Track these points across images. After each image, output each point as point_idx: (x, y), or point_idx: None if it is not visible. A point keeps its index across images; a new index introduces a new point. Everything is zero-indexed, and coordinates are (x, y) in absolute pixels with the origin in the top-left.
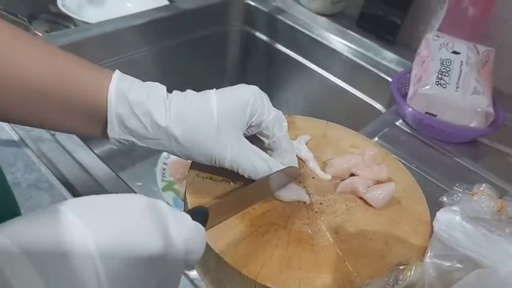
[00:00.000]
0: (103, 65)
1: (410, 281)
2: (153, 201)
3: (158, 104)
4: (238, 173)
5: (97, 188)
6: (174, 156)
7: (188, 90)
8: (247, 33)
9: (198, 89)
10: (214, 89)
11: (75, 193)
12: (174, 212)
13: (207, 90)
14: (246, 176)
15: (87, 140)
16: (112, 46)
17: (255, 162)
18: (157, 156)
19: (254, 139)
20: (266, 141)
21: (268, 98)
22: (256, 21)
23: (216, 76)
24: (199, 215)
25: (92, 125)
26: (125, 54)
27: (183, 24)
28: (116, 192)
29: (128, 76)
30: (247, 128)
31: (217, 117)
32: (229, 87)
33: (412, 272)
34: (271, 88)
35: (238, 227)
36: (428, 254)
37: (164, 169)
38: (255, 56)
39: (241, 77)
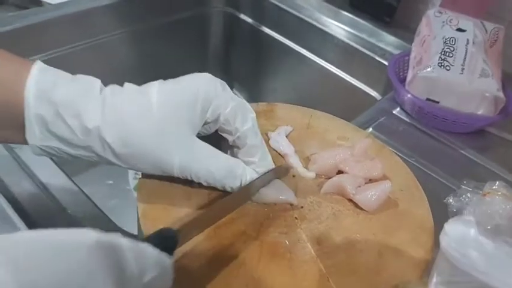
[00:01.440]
0: (72, 48)
1: None
2: (107, 238)
3: (88, 103)
4: None
5: (45, 196)
6: None
7: (126, 84)
8: (230, 15)
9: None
10: (160, 80)
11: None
12: (135, 248)
13: (150, 82)
14: (204, 184)
15: None
16: (81, 28)
17: (211, 166)
18: None
19: (219, 138)
20: (229, 138)
21: (226, 85)
22: (240, 2)
23: (196, 63)
24: (167, 240)
25: (10, 130)
26: (96, 37)
27: (161, 5)
28: (67, 201)
29: (53, 69)
30: (204, 125)
31: (158, 115)
32: (177, 78)
33: None
34: (257, 76)
35: (198, 240)
36: (434, 280)
37: None
38: (239, 41)
39: (224, 63)
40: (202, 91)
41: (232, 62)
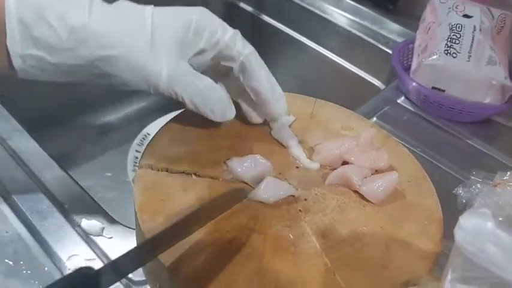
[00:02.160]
0: None
1: None
2: None
3: (74, 2)
4: (203, 163)
5: (39, 190)
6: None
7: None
8: (230, 4)
9: None
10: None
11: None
12: None
13: (144, 5)
14: (189, 105)
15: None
16: None
17: (198, 83)
18: (129, 144)
19: None
20: (233, 65)
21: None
22: None
23: None
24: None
25: None
26: None
27: None
28: (63, 196)
29: None
30: (201, 55)
31: (150, 30)
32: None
33: None
34: None
35: (198, 234)
36: (448, 277)
37: (137, 157)
38: (239, 29)
39: None
40: (196, 15)
41: None
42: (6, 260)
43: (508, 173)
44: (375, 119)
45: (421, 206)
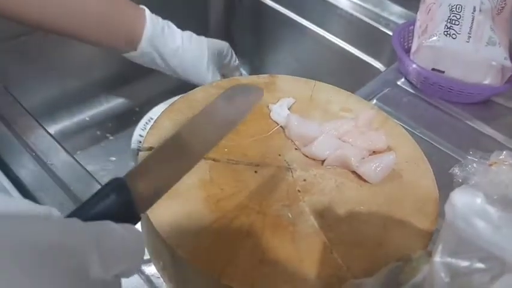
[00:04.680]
0: None
1: (414, 283)
2: (67, 225)
3: (175, 40)
4: None
5: (47, 175)
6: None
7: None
8: None
9: None
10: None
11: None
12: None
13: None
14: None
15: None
16: None
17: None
18: (132, 128)
19: None
20: (229, 70)
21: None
22: None
23: None
24: (121, 194)
25: (125, 46)
26: None
27: None
28: (69, 179)
29: (156, 17)
30: (221, 65)
31: (207, 57)
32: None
33: (416, 270)
34: (259, 48)
35: (201, 213)
36: (439, 250)
37: (140, 142)
38: (240, 13)
39: (226, 36)
40: (226, 47)
41: (234, 34)
42: None
43: (504, 152)
44: (375, 100)
45: (418, 186)
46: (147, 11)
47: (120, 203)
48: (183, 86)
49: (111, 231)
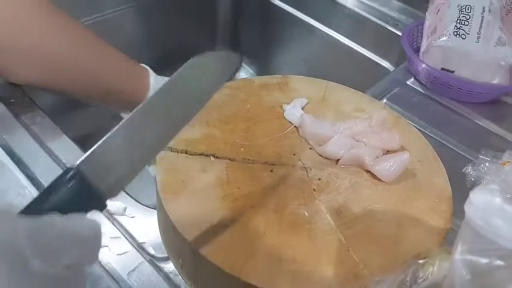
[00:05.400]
0: None
1: (433, 280)
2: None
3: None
4: (220, 145)
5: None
6: None
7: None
8: None
9: (185, 54)
10: None
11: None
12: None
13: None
14: None
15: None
16: (87, 3)
17: None
18: None
19: None
20: None
21: None
22: None
23: (205, 37)
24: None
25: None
26: (102, 12)
27: None
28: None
29: (159, 77)
30: None
31: None
32: None
33: (435, 268)
34: (266, 48)
35: (219, 212)
36: (459, 249)
37: None
38: (248, 14)
39: (233, 36)
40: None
41: (242, 34)
42: None
43: None
44: (385, 100)
45: (432, 185)
46: (151, 74)
47: (76, 191)
48: None
49: (47, 224)
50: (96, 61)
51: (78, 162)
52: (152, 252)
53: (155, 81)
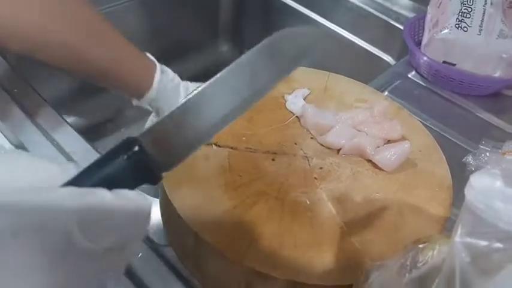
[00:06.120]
0: None
1: (433, 264)
2: (50, 200)
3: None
4: (222, 134)
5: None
6: None
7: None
8: None
9: (187, 49)
10: None
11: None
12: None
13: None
14: None
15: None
16: None
17: None
18: (147, 117)
19: None
20: None
21: None
22: None
23: (206, 32)
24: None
25: (134, 94)
26: (103, 6)
27: None
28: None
29: (166, 70)
30: None
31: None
32: None
33: (435, 252)
34: None
35: (221, 199)
36: (459, 232)
37: None
38: (250, 8)
39: (235, 31)
40: None
41: (244, 30)
42: None
43: None
44: (386, 93)
45: (432, 174)
46: (158, 68)
47: (133, 163)
48: (199, 78)
49: (97, 202)
50: (99, 45)
51: (139, 134)
52: (155, 239)
53: (159, 81)
